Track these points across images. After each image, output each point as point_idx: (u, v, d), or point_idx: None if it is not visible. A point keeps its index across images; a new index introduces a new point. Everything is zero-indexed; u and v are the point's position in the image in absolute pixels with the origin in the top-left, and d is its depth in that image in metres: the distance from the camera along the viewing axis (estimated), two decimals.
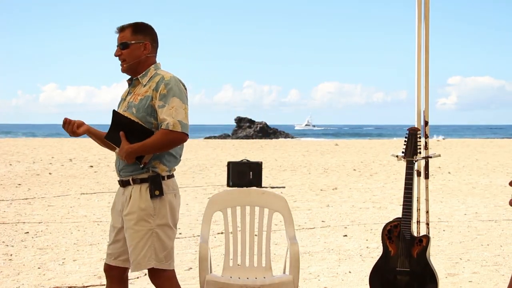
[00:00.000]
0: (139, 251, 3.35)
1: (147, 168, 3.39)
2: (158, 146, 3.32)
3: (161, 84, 3.36)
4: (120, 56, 3.47)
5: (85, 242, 7.20)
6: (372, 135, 78.66)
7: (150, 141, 3.30)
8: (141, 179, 3.38)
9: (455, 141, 40.33)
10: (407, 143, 4.37)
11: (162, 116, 3.32)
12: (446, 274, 5.71)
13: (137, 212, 3.35)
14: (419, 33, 4.62)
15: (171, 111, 3.31)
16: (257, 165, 13.38)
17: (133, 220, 3.35)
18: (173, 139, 3.33)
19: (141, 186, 3.37)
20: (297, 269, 3.92)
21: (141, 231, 3.34)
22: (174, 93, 3.35)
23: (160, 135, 3.31)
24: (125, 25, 3.50)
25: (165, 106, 3.32)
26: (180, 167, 18.18)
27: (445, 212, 9.50)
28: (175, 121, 3.30)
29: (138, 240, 3.35)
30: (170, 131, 3.30)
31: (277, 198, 4.30)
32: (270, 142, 39.62)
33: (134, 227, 3.35)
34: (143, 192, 3.36)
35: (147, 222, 3.35)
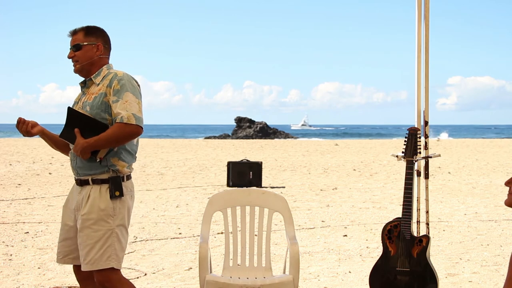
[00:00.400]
0: (96, 251, 3.35)
1: (107, 168, 3.42)
2: (114, 139, 3.35)
3: (114, 80, 3.42)
4: (73, 58, 3.53)
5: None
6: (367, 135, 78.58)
7: (105, 135, 3.34)
8: (101, 180, 3.41)
9: (455, 141, 40.33)
10: (407, 143, 4.37)
11: (116, 110, 3.37)
12: (446, 274, 5.71)
13: (97, 212, 3.37)
14: (419, 33, 4.62)
15: (125, 105, 3.36)
16: (257, 165, 13.38)
17: (91, 220, 3.36)
18: (128, 132, 3.36)
19: (101, 187, 3.40)
20: (297, 269, 3.92)
21: (100, 231, 3.36)
22: (127, 88, 3.41)
23: (115, 128, 3.35)
24: (77, 28, 3.57)
25: (119, 101, 3.37)
26: (180, 167, 18.23)
27: (445, 212, 9.50)
28: (129, 114, 3.35)
29: (96, 239, 3.36)
30: (124, 124, 3.34)
31: (277, 198, 4.30)
32: (270, 142, 39.63)
33: (92, 226, 3.36)
34: (103, 193, 3.40)
35: (107, 223, 3.38)
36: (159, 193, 11.93)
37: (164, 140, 42.40)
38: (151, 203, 10.50)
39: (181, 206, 10.18)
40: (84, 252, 3.37)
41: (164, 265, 6.06)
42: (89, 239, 3.36)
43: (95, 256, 3.35)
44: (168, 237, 7.52)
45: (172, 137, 61.04)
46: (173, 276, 5.64)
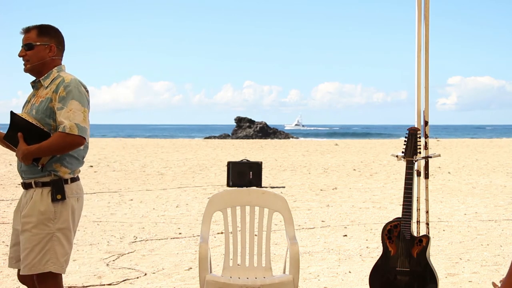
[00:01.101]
0: (35, 255, 3.31)
1: (49, 172, 3.38)
2: (54, 148, 3.31)
3: (60, 86, 3.38)
4: (24, 57, 3.48)
5: (85, 242, 7.20)
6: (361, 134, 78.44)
7: (46, 144, 3.31)
8: (43, 183, 3.38)
9: (455, 141, 40.33)
10: (407, 143, 4.37)
11: (60, 118, 3.33)
12: (446, 274, 5.71)
13: (36, 215, 3.33)
14: (419, 33, 4.62)
15: (69, 114, 3.32)
16: (257, 165, 13.38)
17: (31, 223, 3.33)
18: (70, 142, 3.31)
19: (43, 190, 3.37)
20: (297, 269, 3.92)
21: (39, 235, 3.32)
22: (73, 96, 3.36)
23: (56, 138, 3.31)
24: (30, 26, 3.50)
25: (63, 109, 3.33)
26: (180, 167, 18.22)
27: (445, 212, 9.50)
28: (72, 124, 3.30)
29: (35, 243, 3.32)
30: (66, 134, 3.30)
31: (277, 198, 4.30)
32: (270, 142, 39.63)
33: (32, 230, 3.32)
34: (44, 196, 3.35)
35: (46, 226, 3.33)
36: (159, 193, 11.93)
37: (164, 140, 42.40)
38: (151, 203, 10.50)
39: (181, 206, 10.18)
40: (23, 256, 3.34)
41: (164, 265, 6.06)
42: (28, 243, 3.32)
43: (34, 260, 3.31)
44: (168, 237, 7.52)
45: (172, 137, 61.05)
46: (173, 276, 5.64)
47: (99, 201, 10.74)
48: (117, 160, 20.51)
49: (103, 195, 11.58)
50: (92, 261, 6.23)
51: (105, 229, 8.03)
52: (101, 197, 11.28)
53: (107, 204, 10.41)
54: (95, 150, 25.25)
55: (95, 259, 6.32)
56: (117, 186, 13.14)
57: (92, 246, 6.99)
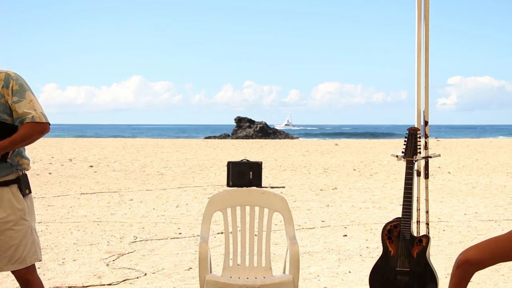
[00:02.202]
0: (23, 248, 3.43)
1: (15, 168, 3.44)
2: (27, 138, 3.40)
3: (10, 81, 3.42)
4: None
5: (85, 242, 7.20)
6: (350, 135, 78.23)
7: (18, 135, 3.37)
8: (8, 181, 3.42)
9: (455, 141, 40.33)
10: (407, 143, 4.37)
11: (22, 110, 3.39)
12: (446, 274, 5.71)
13: (15, 213, 3.41)
14: (419, 33, 4.62)
15: (31, 104, 3.41)
16: (257, 165, 13.38)
17: (12, 222, 3.40)
18: (41, 129, 3.43)
19: (11, 188, 3.42)
20: (297, 269, 3.92)
21: (21, 230, 3.43)
22: (26, 88, 3.46)
23: (27, 128, 3.39)
24: None
25: (21, 101, 3.40)
26: (180, 167, 18.22)
27: (445, 212, 9.50)
28: (39, 114, 3.42)
29: (20, 238, 3.42)
30: (37, 123, 3.40)
31: (277, 198, 4.30)
32: (270, 142, 39.62)
33: (14, 227, 3.41)
34: (15, 193, 3.43)
35: (25, 221, 3.45)
36: (159, 193, 11.93)
37: (164, 140, 42.40)
38: (151, 203, 10.51)
39: (181, 206, 10.18)
40: (9, 254, 3.41)
41: (164, 265, 6.07)
42: (13, 240, 3.41)
43: (23, 254, 3.43)
44: (168, 237, 7.52)
45: (172, 137, 61.04)
46: (173, 276, 5.65)
47: (99, 201, 10.74)
48: (117, 160, 20.51)
49: (103, 195, 11.58)
50: (92, 261, 6.23)
51: (105, 229, 8.03)
52: (101, 197, 11.29)
53: (107, 204, 10.41)
54: (95, 150, 25.24)
55: (95, 259, 6.32)
56: (117, 186, 13.14)
57: (92, 246, 6.99)
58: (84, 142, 31.76)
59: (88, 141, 35.90)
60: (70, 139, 40.20)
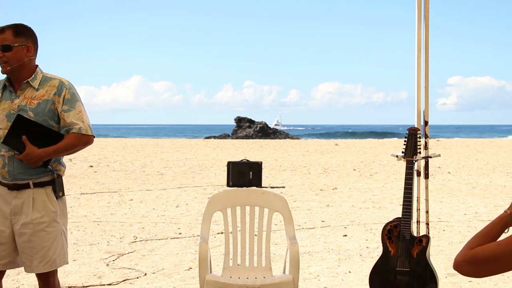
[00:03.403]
0: (53, 251, 3.45)
1: (51, 171, 3.47)
2: (71, 148, 3.46)
3: (63, 89, 3.46)
4: (1, 58, 3.44)
5: (85, 242, 7.20)
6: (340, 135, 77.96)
7: (64, 144, 3.42)
8: (43, 182, 3.45)
9: (455, 141, 40.33)
10: (407, 143, 4.37)
11: (70, 120, 3.45)
12: (446, 274, 5.71)
13: (49, 214, 3.43)
14: (419, 33, 4.62)
15: (80, 116, 3.47)
16: (257, 165, 13.38)
17: (45, 223, 3.42)
18: (85, 141, 3.51)
19: (45, 189, 3.45)
20: (297, 269, 3.93)
21: (53, 232, 3.45)
22: (77, 98, 3.51)
23: (73, 138, 3.44)
24: (4, 26, 3.47)
25: (71, 111, 3.45)
26: (180, 167, 18.22)
27: (445, 212, 9.50)
28: (86, 126, 3.48)
29: (52, 240, 3.44)
30: (83, 135, 3.47)
31: (277, 198, 4.30)
32: (270, 142, 39.61)
33: (46, 229, 3.43)
34: (49, 195, 3.45)
35: (57, 223, 3.47)
36: (159, 193, 11.93)
37: (164, 140, 42.40)
38: (151, 203, 10.51)
39: (181, 206, 10.18)
40: (39, 255, 3.42)
41: (164, 265, 6.07)
42: (44, 242, 3.42)
43: (53, 257, 3.45)
44: (168, 237, 7.52)
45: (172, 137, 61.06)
46: (173, 276, 5.65)
47: (99, 201, 10.74)
48: (117, 160, 20.51)
49: (103, 195, 11.58)
50: (92, 261, 6.23)
51: (105, 229, 8.03)
52: (101, 197, 11.28)
53: (107, 204, 10.41)
54: (95, 150, 25.24)
55: (95, 259, 6.32)
56: (117, 186, 13.14)
57: (92, 246, 6.99)
58: None
59: None
60: None
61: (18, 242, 3.43)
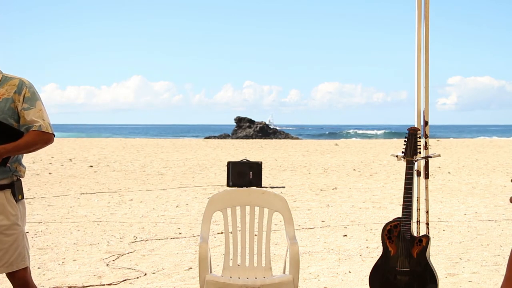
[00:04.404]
0: (11, 253, 3.41)
1: (11, 173, 3.44)
2: (31, 146, 3.42)
3: (23, 88, 3.46)
4: None
5: (85, 242, 7.20)
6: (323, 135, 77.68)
7: (24, 141, 3.39)
8: (3, 185, 3.41)
9: (455, 141, 40.33)
10: (407, 143, 4.37)
11: (30, 118, 3.42)
12: (446, 274, 5.71)
13: (9, 218, 3.41)
14: (419, 33, 4.62)
15: (40, 114, 3.45)
16: (257, 165, 13.38)
17: (4, 226, 3.39)
18: (46, 139, 3.47)
19: (5, 192, 3.42)
20: (297, 269, 3.92)
21: (13, 235, 3.41)
22: (37, 97, 3.49)
23: (33, 136, 3.42)
24: None
25: (31, 109, 3.44)
26: (180, 167, 18.22)
27: (445, 212, 9.50)
28: (46, 124, 3.46)
29: (10, 243, 3.41)
30: (43, 133, 3.44)
31: (277, 198, 4.30)
32: (270, 142, 39.61)
33: (5, 232, 3.40)
34: (9, 198, 3.42)
35: (18, 226, 3.44)
36: (159, 193, 11.93)
37: (164, 140, 42.41)
38: (151, 203, 10.51)
39: (181, 206, 10.18)
40: None
41: (164, 265, 6.07)
42: (3, 244, 3.40)
43: (10, 259, 3.41)
44: (168, 237, 7.52)
45: (172, 137, 61.06)
46: (173, 276, 5.65)
47: (99, 201, 10.74)
48: (117, 160, 20.51)
49: (103, 195, 11.58)
50: (92, 261, 6.23)
51: (105, 229, 8.03)
52: (101, 197, 11.29)
53: (107, 204, 10.41)
54: (95, 150, 25.24)
55: (95, 259, 6.32)
56: (117, 186, 13.14)
57: (92, 246, 6.99)
58: (84, 142, 31.76)
59: (88, 141, 35.89)
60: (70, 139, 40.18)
61: None
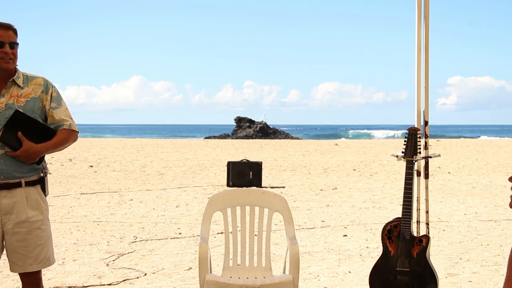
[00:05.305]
0: (47, 248, 3.50)
1: (41, 170, 3.51)
2: (63, 144, 3.53)
3: (49, 87, 3.54)
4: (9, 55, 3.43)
5: (85, 242, 7.20)
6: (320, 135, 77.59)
7: (57, 140, 3.48)
8: (33, 181, 3.47)
9: (455, 141, 40.33)
10: (407, 143, 4.37)
11: (59, 117, 3.51)
12: (446, 274, 5.71)
13: (43, 213, 3.48)
14: (419, 33, 4.62)
15: (67, 113, 3.57)
16: (257, 165, 13.38)
17: (40, 221, 3.46)
18: (74, 138, 3.61)
19: (36, 188, 3.48)
20: (297, 269, 3.93)
21: (46, 230, 3.50)
22: (61, 97, 3.59)
23: (65, 135, 3.52)
24: (8, 24, 3.48)
25: (59, 108, 3.52)
26: (180, 167, 18.22)
27: (445, 212, 9.50)
28: (73, 123, 3.57)
29: (46, 238, 3.49)
30: (72, 131, 3.55)
31: (277, 198, 4.30)
32: (270, 142, 39.62)
33: (41, 227, 3.46)
34: (40, 193, 3.49)
35: (48, 221, 3.54)
36: (159, 193, 11.94)
37: (164, 140, 42.41)
38: (151, 203, 10.51)
39: (181, 206, 10.18)
40: (35, 253, 3.44)
41: (164, 265, 6.07)
42: (39, 239, 3.45)
43: (47, 254, 3.49)
44: (168, 237, 7.52)
45: (172, 137, 61.07)
46: (173, 276, 5.65)
47: (99, 201, 10.74)
48: (117, 160, 20.51)
49: (103, 195, 11.58)
50: (92, 261, 6.23)
51: (105, 229, 8.03)
52: (101, 197, 11.29)
53: (107, 204, 10.41)
54: (95, 150, 25.24)
55: (95, 259, 6.32)
56: (117, 186, 13.14)
57: (92, 246, 6.99)
58: (84, 142, 31.75)
59: (88, 141, 35.88)
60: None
61: (9, 241, 3.41)
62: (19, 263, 3.42)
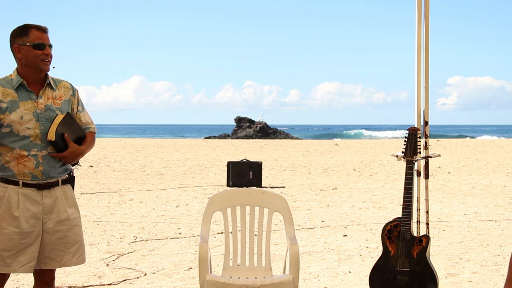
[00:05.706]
0: (83, 245, 3.60)
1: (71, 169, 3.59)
2: (92, 146, 3.64)
3: (75, 91, 3.62)
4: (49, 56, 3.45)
5: (85, 242, 7.16)
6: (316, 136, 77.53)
7: (90, 142, 3.60)
8: (66, 180, 3.54)
9: (455, 141, 40.34)
10: (407, 143, 4.37)
11: (86, 120, 3.63)
12: (446, 274, 5.71)
13: (78, 210, 3.58)
14: (419, 33, 4.62)
15: (89, 116, 3.68)
16: (257, 165, 13.38)
17: (77, 218, 3.55)
18: (95, 140, 3.70)
19: (69, 186, 3.56)
20: (297, 269, 3.93)
21: (81, 226, 3.61)
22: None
23: (92, 137, 3.64)
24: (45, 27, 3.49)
25: (84, 111, 3.64)
26: (180, 167, 18.23)
27: (445, 212, 9.50)
28: (95, 126, 3.68)
29: (82, 234, 3.59)
30: (94, 134, 3.66)
31: (277, 198, 4.30)
32: (270, 142, 39.62)
33: (79, 223, 3.57)
34: (72, 191, 3.58)
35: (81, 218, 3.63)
36: (159, 193, 11.94)
37: (164, 140, 42.41)
38: (151, 203, 10.51)
39: (181, 206, 10.18)
40: (73, 249, 3.51)
41: (164, 265, 6.07)
42: (78, 236, 3.55)
43: (83, 251, 3.59)
44: (168, 237, 7.52)
45: (172, 137, 61.06)
46: (173, 276, 5.65)
47: (99, 201, 10.74)
48: (117, 160, 20.52)
49: (103, 195, 11.59)
50: (92, 261, 6.23)
51: (105, 229, 8.03)
52: (101, 197, 11.29)
53: (107, 204, 10.41)
54: (95, 150, 25.23)
55: (95, 259, 6.32)
56: (117, 186, 13.14)
57: (92, 246, 6.99)
58: None
59: None
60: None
61: (50, 240, 3.42)
62: (57, 259, 3.47)
